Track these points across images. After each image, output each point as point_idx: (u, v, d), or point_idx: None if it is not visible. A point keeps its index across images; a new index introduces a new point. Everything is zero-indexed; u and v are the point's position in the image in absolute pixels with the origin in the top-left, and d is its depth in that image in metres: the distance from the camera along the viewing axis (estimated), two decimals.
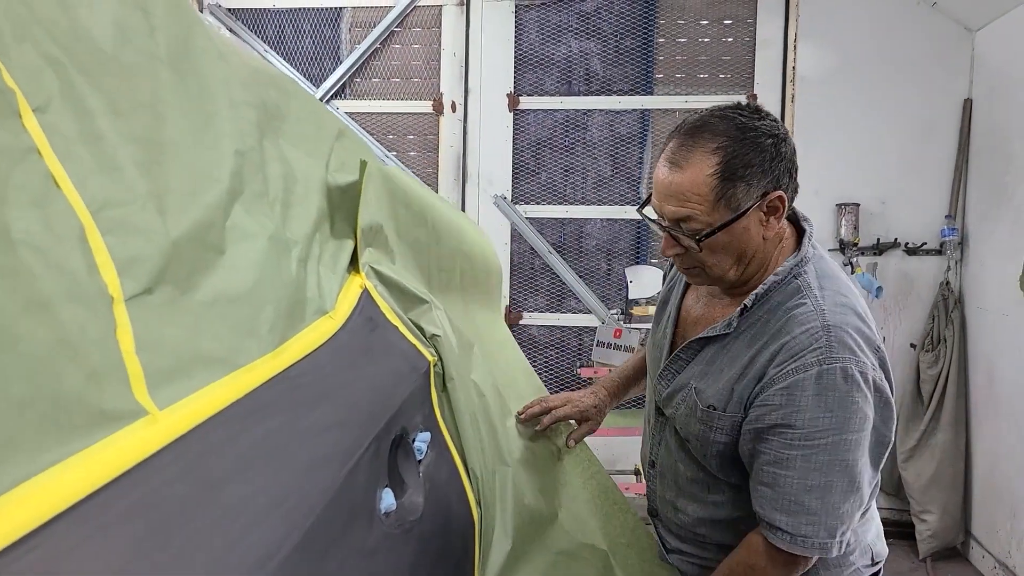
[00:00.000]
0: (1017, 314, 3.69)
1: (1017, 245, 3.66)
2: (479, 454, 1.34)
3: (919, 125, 4.40)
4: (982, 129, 4.20)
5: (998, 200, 3.95)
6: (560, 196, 4.92)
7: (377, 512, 0.94)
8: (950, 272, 4.36)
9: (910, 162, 4.42)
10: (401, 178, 1.51)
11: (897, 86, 4.39)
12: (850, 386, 1.29)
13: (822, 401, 1.29)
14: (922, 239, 4.41)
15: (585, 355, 4.71)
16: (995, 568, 3.89)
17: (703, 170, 1.31)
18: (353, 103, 5.04)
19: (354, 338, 1.08)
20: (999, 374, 3.89)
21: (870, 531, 1.52)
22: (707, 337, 1.45)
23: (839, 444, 1.29)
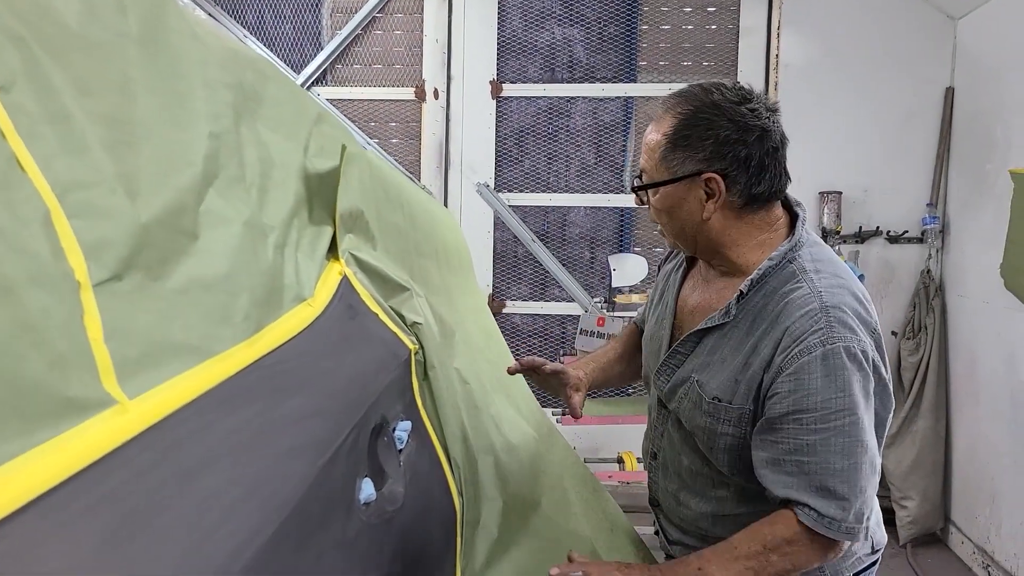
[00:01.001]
0: (997, 302, 3.71)
1: (998, 233, 3.68)
2: (461, 443, 1.33)
3: (901, 113, 4.42)
4: (964, 117, 4.22)
5: (979, 188, 3.97)
6: (543, 184, 4.90)
7: (356, 502, 0.93)
8: (931, 260, 4.38)
9: (892, 150, 4.44)
10: (380, 163, 1.49)
11: (880, 74, 4.40)
12: (855, 364, 1.29)
13: (831, 382, 1.28)
14: (904, 227, 4.43)
15: (568, 343, 4.70)
16: (974, 553, 3.93)
17: (661, 130, 1.39)
18: (334, 90, 4.99)
19: (333, 326, 1.06)
20: (979, 362, 3.92)
21: (871, 518, 1.45)
22: (706, 328, 1.43)
23: (856, 424, 1.28)
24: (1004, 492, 3.65)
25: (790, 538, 1.31)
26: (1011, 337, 3.60)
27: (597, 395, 4.81)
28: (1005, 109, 3.73)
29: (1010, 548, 3.58)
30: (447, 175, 4.90)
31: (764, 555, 1.31)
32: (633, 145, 4.83)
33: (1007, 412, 3.62)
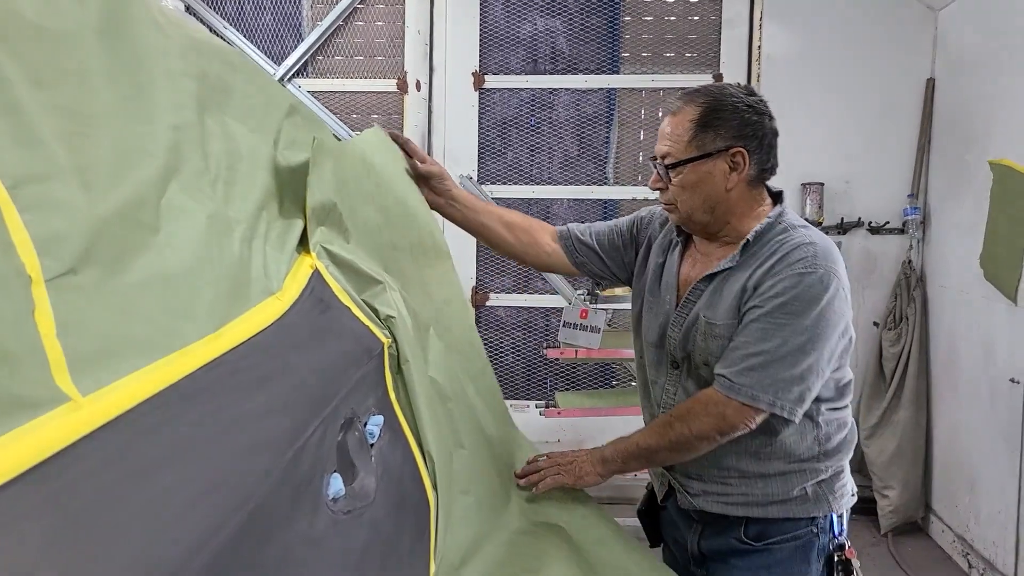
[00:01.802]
0: (977, 292, 3.74)
1: (978, 223, 3.70)
2: (435, 437, 1.32)
3: (883, 105, 4.43)
4: (944, 108, 4.24)
5: (960, 179, 3.99)
6: (527, 176, 4.89)
7: (324, 498, 0.92)
8: (912, 251, 4.41)
9: (874, 141, 4.45)
10: (356, 153, 1.48)
11: (861, 66, 4.41)
12: (833, 292, 1.54)
13: (802, 299, 1.53)
14: (885, 218, 4.45)
15: (552, 336, 4.70)
16: (954, 542, 3.96)
17: (688, 116, 1.63)
18: (315, 81, 4.95)
19: (303, 320, 1.05)
20: (959, 352, 3.95)
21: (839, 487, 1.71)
22: (711, 275, 1.67)
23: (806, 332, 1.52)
24: (982, 480, 3.68)
25: (692, 407, 1.61)
26: (989, 327, 3.63)
27: (580, 388, 4.82)
28: (985, 100, 3.75)
29: (989, 536, 3.61)
30: None
31: (669, 424, 1.64)
32: (616, 137, 4.83)
33: (985, 401, 3.64)
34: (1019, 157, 3.36)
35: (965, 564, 3.83)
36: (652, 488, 1.97)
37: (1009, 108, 3.50)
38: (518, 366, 4.94)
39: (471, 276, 4.90)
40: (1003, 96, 3.56)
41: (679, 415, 1.63)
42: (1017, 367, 3.35)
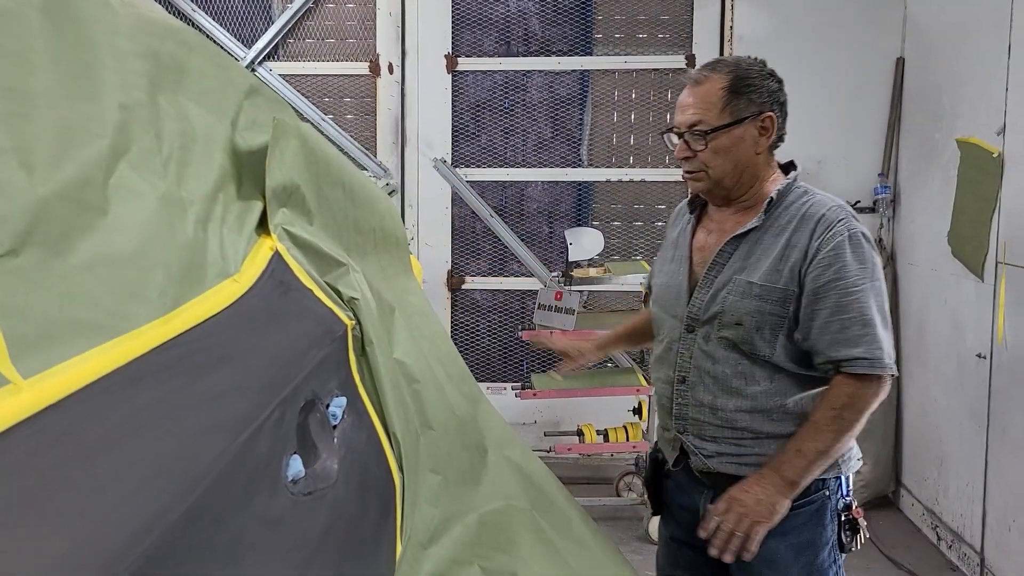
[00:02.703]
0: (946, 269, 3.78)
1: (946, 201, 3.74)
2: (401, 418, 1.32)
3: (853, 85, 4.46)
4: (914, 88, 4.27)
5: (928, 157, 4.03)
6: (501, 159, 4.87)
7: (283, 479, 0.91)
8: (883, 229, 4.45)
9: (845, 121, 4.48)
10: (318, 137, 1.46)
11: (832, 46, 4.43)
12: (870, 245, 1.69)
13: (857, 257, 1.66)
14: (856, 197, 4.48)
15: (528, 318, 4.70)
16: (923, 515, 4.03)
17: (716, 84, 1.72)
18: (287, 65, 4.90)
19: (261, 302, 1.04)
20: (928, 328, 4.00)
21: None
22: (740, 235, 1.75)
23: (874, 288, 1.67)
24: (951, 455, 3.74)
25: (851, 392, 1.64)
26: (957, 304, 3.67)
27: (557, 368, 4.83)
28: (953, 79, 3.78)
29: (956, 509, 3.68)
30: (403, 151, 4.86)
31: (839, 416, 1.64)
32: (589, 118, 4.82)
33: (953, 377, 3.70)
34: (986, 135, 3.39)
35: (934, 537, 3.90)
36: (657, 456, 1.97)
37: (976, 87, 3.53)
38: (494, 349, 4.95)
39: (446, 260, 4.89)
40: (970, 75, 3.59)
41: (844, 405, 1.63)
42: (983, 342, 3.40)
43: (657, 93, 4.75)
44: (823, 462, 1.66)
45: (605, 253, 4.56)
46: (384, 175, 4.86)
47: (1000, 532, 3.29)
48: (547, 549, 1.46)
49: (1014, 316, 3.17)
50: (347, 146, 4.86)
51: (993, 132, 3.32)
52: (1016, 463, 3.15)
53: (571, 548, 1.51)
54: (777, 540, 1.69)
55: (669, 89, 4.73)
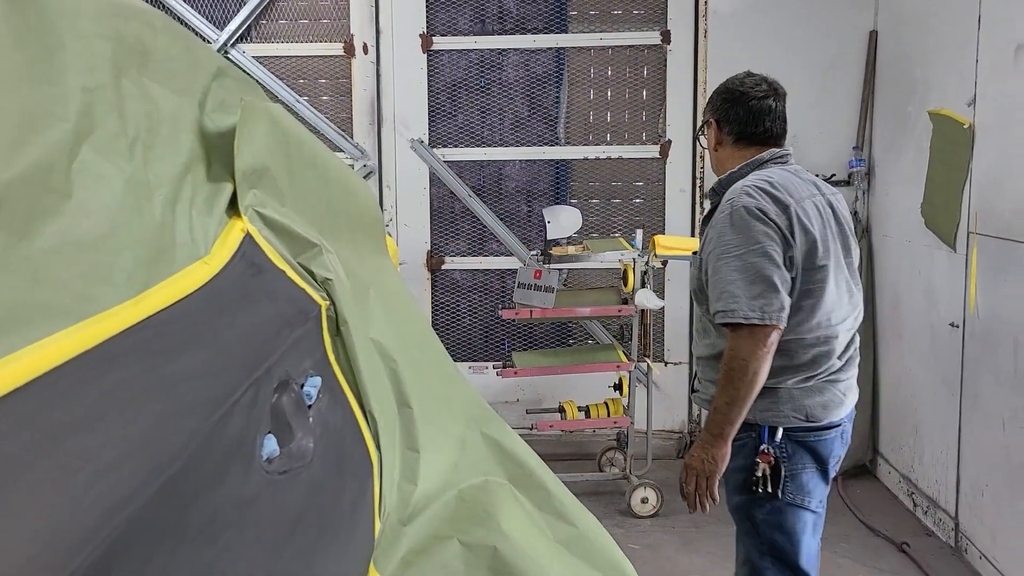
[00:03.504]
0: (919, 241, 3.83)
1: (919, 173, 3.78)
2: (377, 397, 1.33)
3: (827, 58, 4.48)
4: (887, 61, 4.29)
5: (902, 130, 4.06)
6: (478, 138, 4.86)
7: (258, 459, 0.92)
8: (858, 202, 4.49)
9: (819, 95, 4.50)
10: (288, 118, 1.46)
11: (805, 20, 4.44)
12: (752, 216, 2.03)
13: (733, 228, 2.05)
14: (831, 170, 4.51)
15: (508, 297, 4.71)
16: (900, 482, 4.10)
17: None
18: (260, 46, 4.85)
19: (232, 284, 1.04)
20: (903, 299, 4.05)
21: (811, 398, 2.12)
22: (706, 218, 2.27)
23: (745, 253, 2.02)
24: (925, 423, 3.80)
25: (730, 346, 2.03)
26: (930, 275, 3.72)
27: (538, 347, 4.85)
28: (925, 51, 3.80)
29: (931, 475, 3.74)
30: (380, 132, 4.83)
31: (728, 369, 2.03)
32: (566, 96, 4.81)
33: (927, 346, 3.75)
34: (957, 107, 3.42)
35: (910, 503, 3.97)
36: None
37: (947, 58, 3.55)
38: (475, 328, 4.96)
39: (425, 240, 4.89)
40: (942, 47, 3.62)
41: (727, 359, 2.04)
42: (956, 312, 3.45)
43: (633, 70, 4.75)
44: (734, 412, 2.03)
45: (584, 231, 4.57)
46: (361, 156, 4.83)
47: (973, 497, 3.35)
48: (526, 523, 1.47)
49: (985, 285, 3.22)
50: (323, 128, 4.83)
51: (964, 103, 3.35)
52: (988, 430, 3.21)
53: (551, 521, 1.53)
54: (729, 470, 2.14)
55: (645, 66, 4.73)
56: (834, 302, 2.09)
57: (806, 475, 2.14)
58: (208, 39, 4.77)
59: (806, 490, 2.14)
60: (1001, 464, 3.10)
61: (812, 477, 2.15)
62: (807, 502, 2.15)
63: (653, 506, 3.97)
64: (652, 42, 4.68)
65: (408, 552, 1.34)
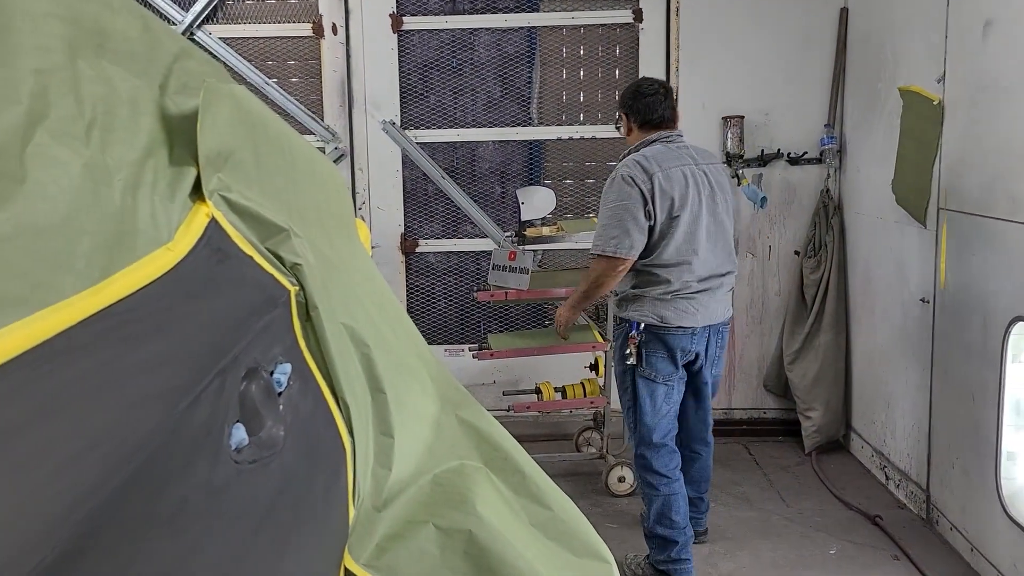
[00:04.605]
0: (890, 217, 3.86)
1: (890, 150, 3.80)
2: (350, 383, 1.31)
3: (799, 35, 4.48)
4: (857, 37, 4.31)
5: (872, 107, 4.08)
6: (451, 119, 4.82)
7: (226, 448, 0.91)
8: (830, 180, 4.52)
9: (791, 73, 4.51)
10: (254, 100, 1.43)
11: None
12: (621, 181, 3.02)
13: (611, 189, 3.06)
14: (804, 148, 4.54)
15: (483, 279, 4.70)
16: (872, 456, 4.16)
17: None
18: (227, 27, 4.77)
19: (197, 271, 1.02)
20: (874, 275, 4.09)
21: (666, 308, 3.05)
22: None
23: (614, 208, 3.01)
24: (897, 397, 3.86)
25: (592, 266, 3.13)
26: (901, 251, 3.76)
27: (515, 329, 4.85)
28: (895, 27, 3.82)
29: (903, 449, 3.80)
30: (351, 114, 4.78)
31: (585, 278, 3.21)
32: (539, 76, 4.78)
33: (898, 321, 3.80)
34: (926, 83, 3.44)
35: (883, 477, 4.03)
36: None
37: (917, 35, 3.57)
38: (451, 311, 4.94)
39: (399, 223, 4.86)
40: (911, 23, 3.63)
41: (586, 273, 3.21)
42: (927, 288, 3.49)
43: (605, 49, 4.73)
44: (583, 301, 3.34)
45: (558, 211, 4.56)
46: (332, 139, 4.78)
47: (944, 470, 3.41)
48: (502, 507, 1.47)
49: (955, 261, 3.25)
50: (293, 110, 4.77)
51: (934, 80, 3.37)
52: (957, 403, 3.26)
53: (526, 504, 1.53)
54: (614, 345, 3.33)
55: (617, 44, 4.71)
56: (684, 242, 3.01)
57: (656, 358, 3.10)
58: (173, 20, 4.68)
59: (656, 368, 3.11)
60: (970, 437, 3.15)
61: (661, 360, 3.11)
62: (656, 377, 3.13)
63: (630, 485, 4.00)
64: (624, 20, 4.66)
65: (383, 538, 1.33)
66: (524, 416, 4.46)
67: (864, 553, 3.38)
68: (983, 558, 3.07)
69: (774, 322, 4.69)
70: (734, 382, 4.78)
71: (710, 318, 3.11)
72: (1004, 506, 2.88)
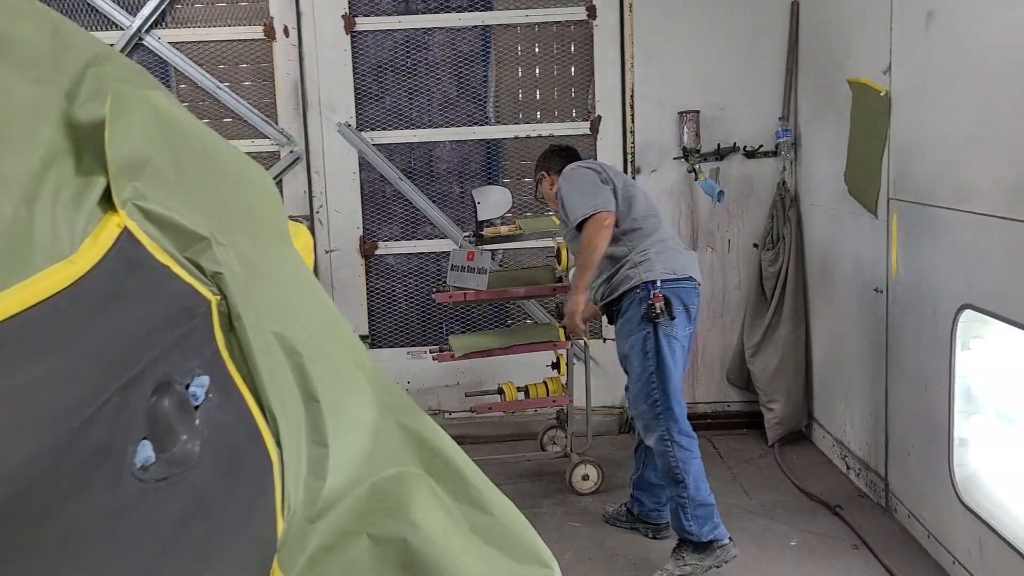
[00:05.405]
0: (844, 208, 3.89)
1: (843, 141, 3.83)
2: (278, 393, 1.28)
3: (751, 30, 4.51)
4: (809, 30, 4.34)
5: (825, 99, 4.11)
6: (407, 120, 4.79)
7: (130, 467, 0.88)
8: (786, 172, 4.55)
9: (745, 67, 4.54)
10: (173, 106, 1.39)
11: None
12: (577, 171, 3.37)
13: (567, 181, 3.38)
14: (759, 142, 4.56)
15: (444, 280, 4.67)
16: (834, 446, 4.19)
17: None
18: (177, 32, 4.70)
19: (104, 283, 0.98)
20: (831, 266, 4.12)
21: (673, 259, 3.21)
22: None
23: (578, 185, 3.30)
24: (855, 387, 3.89)
25: (582, 235, 3.21)
26: (855, 241, 3.79)
27: (476, 329, 4.83)
28: (843, 19, 3.85)
29: (862, 438, 3.83)
30: (306, 117, 4.73)
31: (583, 248, 3.20)
32: (494, 75, 4.76)
33: (855, 311, 3.83)
34: (874, 75, 3.47)
35: (844, 466, 4.07)
36: None
37: (864, 27, 3.60)
38: (412, 313, 4.91)
39: (357, 226, 4.82)
40: (859, 15, 3.66)
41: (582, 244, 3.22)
42: (879, 277, 3.52)
43: (560, 46, 4.72)
44: (586, 274, 3.23)
45: (518, 210, 4.55)
46: (287, 142, 4.73)
47: (901, 458, 3.44)
48: (441, 514, 1.45)
49: (905, 250, 3.29)
50: (246, 114, 4.71)
51: (880, 71, 3.40)
52: (911, 391, 3.29)
53: (467, 511, 1.51)
54: (621, 323, 3.27)
55: (572, 42, 4.71)
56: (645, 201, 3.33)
57: (678, 313, 3.12)
58: (121, 26, 4.60)
59: (677, 325, 3.13)
60: (925, 425, 3.18)
61: (681, 315, 3.14)
62: (677, 334, 3.15)
63: (594, 483, 4.00)
64: (578, 17, 4.65)
65: (316, 550, 1.30)
66: (489, 417, 4.44)
67: (824, 543, 3.41)
68: (939, 545, 3.10)
69: (735, 315, 4.72)
70: (698, 376, 4.80)
71: (698, 273, 3.26)
72: (957, 492, 2.91)
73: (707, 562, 3.10)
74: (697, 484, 3.10)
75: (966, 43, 2.80)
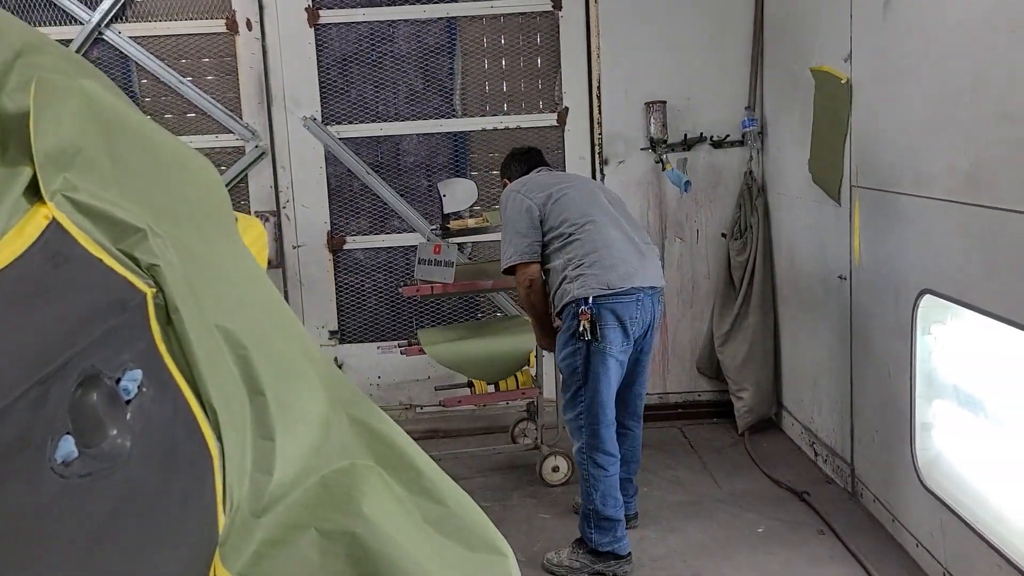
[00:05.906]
0: (809, 196, 3.91)
1: (807, 130, 3.85)
2: (219, 387, 1.26)
3: (717, 19, 4.51)
4: (773, 20, 4.35)
5: (790, 88, 4.13)
6: (373, 114, 4.75)
7: (51, 463, 0.85)
8: (753, 161, 4.56)
9: (711, 57, 4.54)
10: (108, 96, 1.36)
11: None
12: (510, 199, 3.32)
13: (504, 207, 3.35)
14: (726, 131, 4.57)
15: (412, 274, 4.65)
16: (802, 433, 4.22)
17: None
18: (138, 26, 4.63)
19: (25, 277, 0.96)
20: (797, 254, 4.15)
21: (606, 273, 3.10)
22: None
23: (510, 221, 3.30)
24: (821, 374, 3.92)
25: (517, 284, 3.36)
26: (820, 229, 3.81)
27: (446, 323, 4.81)
28: (806, 8, 3.87)
29: (829, 425, 3.86)
30: (271, 111, 4.68)
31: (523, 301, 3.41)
32: (460, 67, 4.74)
33: (821, 298, 3.85)
34: (835, 63, 3.49)
35: (812, 453, 4.10)
36: None
37: (825, 15, 3.61)
38: (382, 307, 4.88)
39: (325, 221, 4.78)
40: (820, 4, 3.67)
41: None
42: (843, 264, 3.55)
43: (526, 37, 4.70)
44: (533, 321, 3.46)
45: (487, 202, 4.54)
46: (252, 137, 4.68)
47: (866, 443, 3.47)
48: (393, 505, 1.43)
49: (868, 237, 3.31)
50: (210, 109, 4.66)
51: (841, 59, 3.41)
52: (876, 377, 3.32)
53: (420, 502, 1.49)
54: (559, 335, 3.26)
55: (537, 33, 4.69)
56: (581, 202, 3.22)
57: (609, 329, 3.09)
58: (80, 20, 4.53)
59: (609, 340, 3.10)
60: (888, 410, 3.20)
61: (613, 331, 3.10)
62: (609, 350, 3.11)
63: (564, 474, 4.00)
64: (543, 8, 4.64)
65: (262, 544, 1.28)
66: (460, 410, 4.43)
67: (791, 530, 3.43)
68: (903, 528, 3.13)
69: (705, 305, 4.73)
70: (668, 366, 4.81)
71: (647, 279, 3.15)
72: (920, 476, 2.93)
73: (597, 567, 3.21)
74: (604, 500, 3.18)
75: (922, 30, 2.82)
